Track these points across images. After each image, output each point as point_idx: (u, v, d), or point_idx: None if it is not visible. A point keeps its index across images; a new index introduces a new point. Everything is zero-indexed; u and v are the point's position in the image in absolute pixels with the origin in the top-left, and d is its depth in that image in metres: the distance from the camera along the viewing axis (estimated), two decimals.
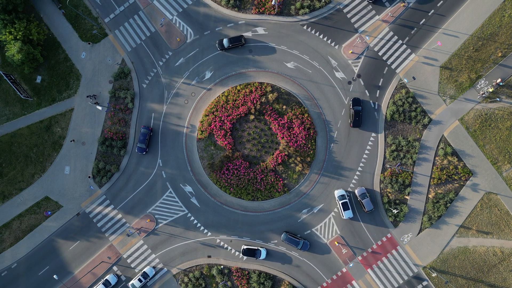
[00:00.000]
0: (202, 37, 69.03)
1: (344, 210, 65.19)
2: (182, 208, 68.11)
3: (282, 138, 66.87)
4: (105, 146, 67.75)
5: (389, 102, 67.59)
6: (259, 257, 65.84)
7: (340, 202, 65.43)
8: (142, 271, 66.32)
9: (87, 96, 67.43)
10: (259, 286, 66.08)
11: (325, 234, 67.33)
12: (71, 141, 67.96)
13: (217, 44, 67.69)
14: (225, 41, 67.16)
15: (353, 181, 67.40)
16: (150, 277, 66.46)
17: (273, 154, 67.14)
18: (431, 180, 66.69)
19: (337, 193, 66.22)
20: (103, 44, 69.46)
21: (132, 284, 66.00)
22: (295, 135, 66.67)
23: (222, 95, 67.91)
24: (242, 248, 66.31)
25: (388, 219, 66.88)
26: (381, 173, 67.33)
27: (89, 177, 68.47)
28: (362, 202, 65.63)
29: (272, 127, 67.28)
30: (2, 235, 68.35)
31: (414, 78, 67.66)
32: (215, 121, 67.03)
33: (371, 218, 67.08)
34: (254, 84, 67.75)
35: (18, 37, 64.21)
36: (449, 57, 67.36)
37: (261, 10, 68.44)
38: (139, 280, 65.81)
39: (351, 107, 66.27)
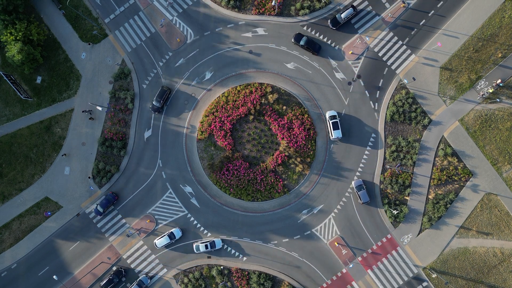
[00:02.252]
0: (202, 38, 69.07)
1: (333, 130, 65.58)
2: (182, 208, 68.10)
3: (282, 138, 66.87)
4: (105, 146, 67.76)
5: (389, 103, 67.60)
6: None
7: (331, 121, 65.69)
8: (170, 231, 66.09)
9: (83, 111, 67.31)
10: (259, 286, 66.03)
11: (325, 235, 67.31)
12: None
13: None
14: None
15: (353, 181, 67.35)
16: (176, 238, 66.14)
17: (273, 155, 67.14)
18: (431, 180, 66.67)
19: (329, 113, 66.42)
20: (103, 44, 69.50)
21: (159, 242, 65.96)
22: (295, 136, 66.67)
23: (222, 96, 67.93)
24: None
25: (388, 219, 66.86)
26: (381, 173, 67.31)
27: (89, 177, 68.48)
28: (358, 194, 65.64)
29: (272, 128, 67.29)
30: (2, 235, 68.34)
31: (414, 79, 67.67)
32: (215, 122, 67.04)
33: (371, 218, 67.07)
34: (254, 85, 67.77)
35: (18, 38, 64.24)
36: (449, 57, 67.37)
37: (261, 11, 68.47)
38: (167, 237, 65.70)
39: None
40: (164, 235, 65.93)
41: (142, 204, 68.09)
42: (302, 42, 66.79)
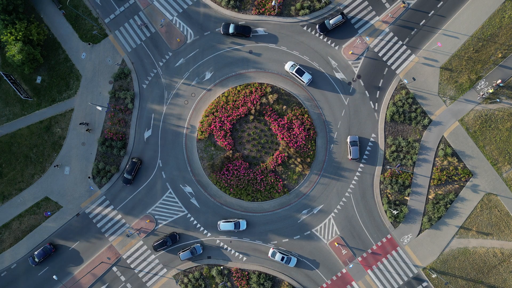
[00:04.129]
0: (202, 38, 69.07)
1: (301, 76, 65.95)
2: (182, 208, 68.09)
3: (282, 138, 66.86)
4: (105, 146, 67.75)
5: (389, 103, 67.59)
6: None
7: (294, 71, 66.15)
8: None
9: (80, 124, 67.33)
10: (259, 287, 66.02)
11: (325, 235, 67.29)
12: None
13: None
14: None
15: (353, 181, 67.38)
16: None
17: (273, 155, 67.13)
18: (431, 181, 66.66)
19: (288, 65, 66.67)
20: (103, 44, 69.50)
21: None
22: (295, 136, 66.66)
23: (222, 96, 67.92)
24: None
25: (388, 220, 66.84)
26: (381, 174, 67.30)
27: (89, 177, 68.47)
28: (350, 149, 65.72)
29: (272, 128, 67.28)
30: (1, 235, 68.32)
31: (414, 79, 67.66)
32: (215, 122, 67.03)
33: (371, 219, 67.06)
34: (254, 85, 67.76)
35: (18, 38, 64.25)
36: (449, 58, 67.36)
37: (261, 11, 68.47)
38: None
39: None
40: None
41: (142, 204, 68.08)
42: (231, 30, 67.07)
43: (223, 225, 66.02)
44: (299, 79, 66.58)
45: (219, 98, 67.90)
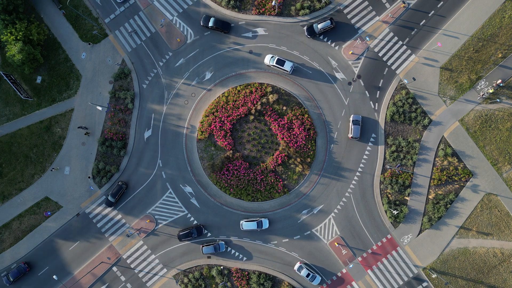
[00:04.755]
0: (202, 38, 69.07)
1: (282, 66, 66.21)
2: (182, 208, 68.08)
3: (282, 138, 66.85)
4: (105, 146, 67.75)
5: (389, 103, 67.58)
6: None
7: (274, 63, 66.37)
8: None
9: (78, 128, 67.36)
10: (259, 286, 66.00)
11: (325, 235, 67.28)
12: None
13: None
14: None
15: (353, 181, 67.37)
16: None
17: (273, 155, 67.12)
18: (431, 181, 66.65)
19: (267, 58, 66.88)
20: (103, 44, 69.51)
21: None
22: (295, 136, 66.66)
23: (222, 96, 67.92)
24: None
25: (388, 220, 66.83)
26: (381, 174, 67.29)
27: (89, 177, 68.47)
28: (351, 128, 65.87)
29: (272, 128, 67.27)
30: (2, 235, 68.31)
31: (414, 79, 67.66)
32: (215, 122, 67.03)
33: (371, 219, 67.06)
34: (254, 85, 67.76)
35: (18, 38, 64.25)
36: (449, 58, 67.36)
37: (261, 11, 68.47)
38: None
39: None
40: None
41: (142, 204, 68.07)
42: (210, 23, 67.05)
43: (246, 225, 65.90)
44: (282, 69, 66.70)
45: (219, 98, 67.90)
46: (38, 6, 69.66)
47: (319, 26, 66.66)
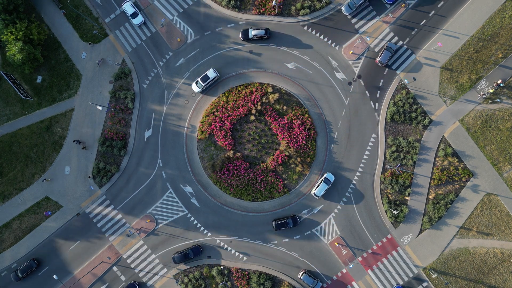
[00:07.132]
0: (202, 38, 69.07)
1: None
2: (182, 208, 68.09)
3: (283, 138, 66.85)
4: (105, 146, 67.76)
5: (389, 103, 67.57)
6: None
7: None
8: (324, 177, 65.80)
9: (74, 141, 67.34)
10: (259, 286, 66.00)
11: (325, 235, 67.28)
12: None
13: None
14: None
15: (353, 181, 67.37)
16: (331, 182, 65.86)
17: (273, 155, 67.12)
18: (432, 181, 66.64)
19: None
20: (103, 44, 69.51)
21: (317, 190, 65.40)
22: (295, 136, 66.65)
23: (223, 96, 67.92)
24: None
25: (388, 220, 66.83)
26: (381, 174, 67.28)
27: (89, 177, 68.47)
28: (383, 51, 65.81)
29: (273, 128, 67.27)
30: (2, 235, 68.33)
31: (414, 79, 67.65)
32: (215, 122, 67.03)
33: (371, 219, 67.04)
34: (255, 85, 67.76)
35: (19, 37, 64.27)
36: (450, 58, 67.35)
37: (261, 11, 68.47)
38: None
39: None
40: (321, 182, 65.38)
41: (142, 204, 68.08)
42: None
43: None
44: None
45: (219, 98, 67.90)
46: (39, 6, 69.67)
47: (253, 32, 66.67)
